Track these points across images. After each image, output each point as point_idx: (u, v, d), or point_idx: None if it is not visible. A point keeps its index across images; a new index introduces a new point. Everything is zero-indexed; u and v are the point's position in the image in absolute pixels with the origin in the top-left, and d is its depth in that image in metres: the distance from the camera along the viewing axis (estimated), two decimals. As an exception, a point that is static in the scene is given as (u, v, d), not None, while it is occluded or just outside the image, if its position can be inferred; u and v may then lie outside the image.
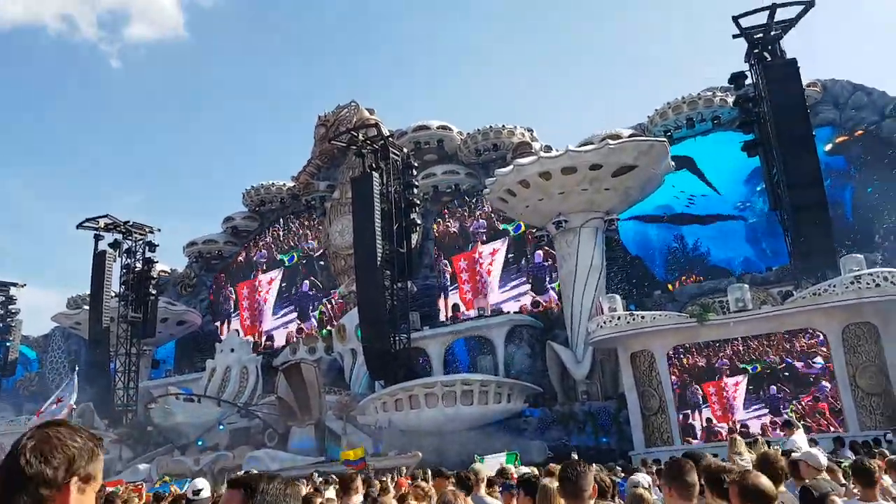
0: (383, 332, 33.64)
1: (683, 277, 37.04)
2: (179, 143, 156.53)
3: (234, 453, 34.09)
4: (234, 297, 52.07)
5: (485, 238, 42.46)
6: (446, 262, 43.03)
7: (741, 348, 26.03)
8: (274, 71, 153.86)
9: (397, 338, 34.17)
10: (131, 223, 44.58)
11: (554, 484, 4.49)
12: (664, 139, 33.61)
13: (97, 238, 44.01)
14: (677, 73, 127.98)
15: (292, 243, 50.80)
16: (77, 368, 21.23)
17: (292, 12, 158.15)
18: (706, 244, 37.58)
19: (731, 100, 35.84)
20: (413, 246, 37.19)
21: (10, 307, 52.10)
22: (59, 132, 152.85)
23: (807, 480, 5.48)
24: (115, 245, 44.16)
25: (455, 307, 41.19)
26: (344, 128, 43.09)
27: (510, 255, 41.29)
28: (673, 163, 33.18)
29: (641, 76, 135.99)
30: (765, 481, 3.40)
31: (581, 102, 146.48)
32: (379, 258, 34.08)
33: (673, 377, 26.81)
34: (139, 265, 44.40)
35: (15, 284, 52.74)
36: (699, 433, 26.13)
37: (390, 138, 38.67)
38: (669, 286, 36.41)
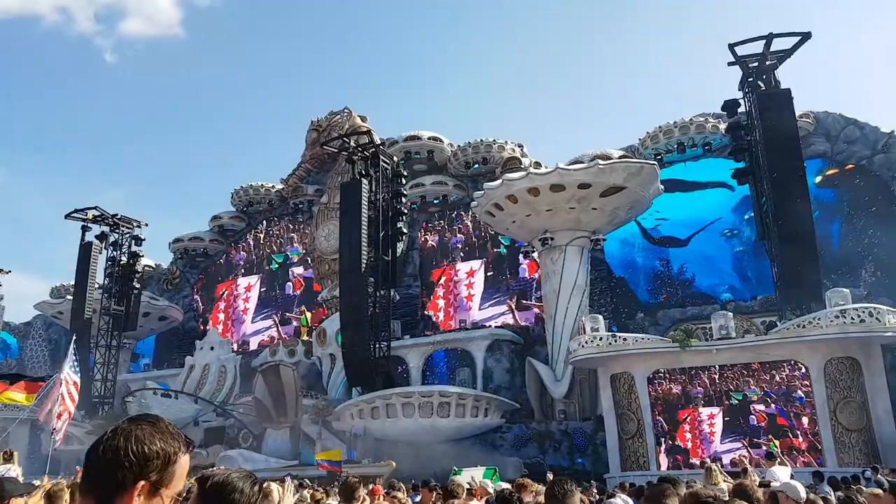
0: (364, 338, 33.33)
1: (665, 296, 36.99)
2: (171, 139, 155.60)
3: (207, 451, 33.73)
4: (214, 296, 51.67)
5: (462, 255, 42.31)
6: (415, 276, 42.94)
7: (716, 377, 25.85)
8: (267, 73, 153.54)
9: (377, 345, 33.88)
10: (119, 216, 44.29)
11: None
12: (654, 162, 33.64)
13: (84, 229, 43.56)
14: (670, 97, 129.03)
15: (275, 247, 50.50)
16: (74, 337, 20.46)
17: (288, 16, 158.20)
18: (692, 269, 37.61)
19: (723, 126, 35.96)
20: (398, 254, 37.01)
21: (-8, 292, 51.08)
22: (51, 124, 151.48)
23: (787, 515, 5.28)
24: (101, 237, 43.81)
25: (433, 325, 40.99)
26: (336, 133, 42.92)
27: (489, 274, 41.10)
28: (662, 186, 33.20)
29: (634, 98, 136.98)
30: None
31: (573, 121, 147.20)
32: (363, 265, 33.84)
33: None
34: (124, 258, 44.05)
35: (0, 270, 52.06)
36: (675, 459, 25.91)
37: (381, 146, 38.53)
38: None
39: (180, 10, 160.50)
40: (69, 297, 46.34)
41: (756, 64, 29.17)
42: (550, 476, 12.39)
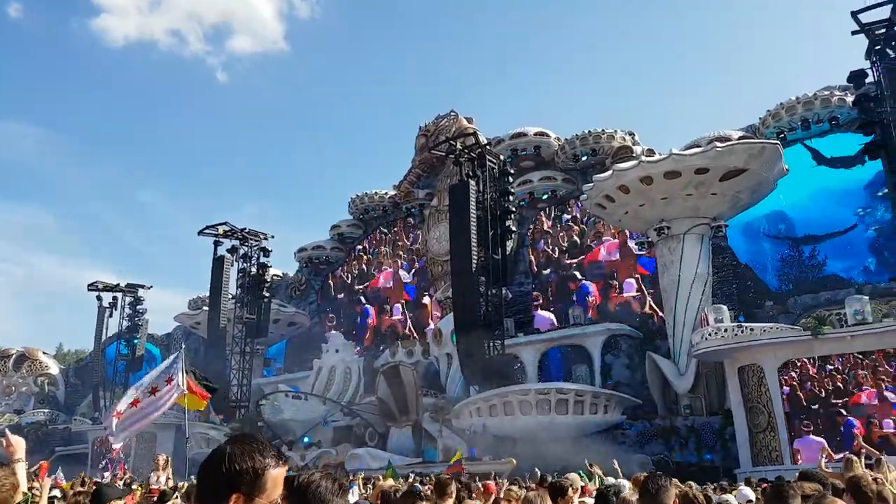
0: (478, 337, 33.57)
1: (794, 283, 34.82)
2: (289, 153, 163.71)
3: (337, 450, 35.21)
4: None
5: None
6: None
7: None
8: (374, 81, 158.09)
9: (492, 344, 34.07)
10: (247, 230, 46.58)
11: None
12: (777, 142, 31.87)
13: (216, 244, 46.16)
14: (790, 72, 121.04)
15: (381, 260, 52.11)
16: (183, 347, 19.96)
17: (388, 23, 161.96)
18: (823, 252, 35.18)
19: (850, 99, 33.48)
20: (508, 253, 37.09)
21: (137, 307, 54.79)
22: (181, 146, 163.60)
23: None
24: (232, 250, 46.24)
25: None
26: (443, 137, 43.47)
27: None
28: (787, 166, 31.42)
29: (752, 76, 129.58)
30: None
31: (687, 105, 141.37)
32: (474, 265, 34.13)
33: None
34: (254, 269, 46.30)
35: (143, 286, 55.60)
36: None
37: (487, 146, 38.70)
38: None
39: (283, 24, 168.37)
40: (205, 308, 49.28)
41: (883, 31, 26.95)
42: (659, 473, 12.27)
